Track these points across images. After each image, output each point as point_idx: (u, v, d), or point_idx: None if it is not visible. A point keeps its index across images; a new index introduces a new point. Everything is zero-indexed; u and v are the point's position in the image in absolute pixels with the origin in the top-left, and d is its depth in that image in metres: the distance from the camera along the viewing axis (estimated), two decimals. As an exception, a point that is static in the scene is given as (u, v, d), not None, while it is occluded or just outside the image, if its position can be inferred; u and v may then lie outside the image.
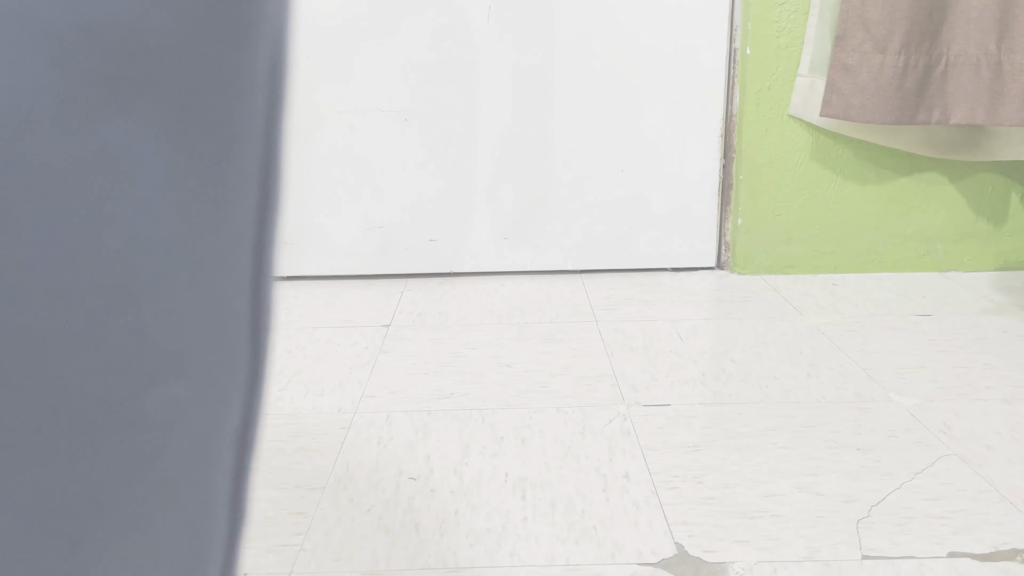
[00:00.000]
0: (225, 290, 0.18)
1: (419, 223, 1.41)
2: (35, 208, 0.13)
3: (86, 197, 0.13)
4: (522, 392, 0.97)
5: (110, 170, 0.14)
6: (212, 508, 0.20)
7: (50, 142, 0.13)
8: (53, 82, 0.13)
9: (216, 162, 0.17)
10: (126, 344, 0.15)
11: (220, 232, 0.17)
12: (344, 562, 0.65)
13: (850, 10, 1.27)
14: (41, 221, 0.13)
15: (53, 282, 0.13)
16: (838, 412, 0.91)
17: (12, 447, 0.14)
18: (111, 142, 0.14)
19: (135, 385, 0.16)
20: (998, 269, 1.44)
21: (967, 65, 1.27)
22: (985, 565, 0.64)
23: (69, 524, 0.16)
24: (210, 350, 0.18)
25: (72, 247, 0.13)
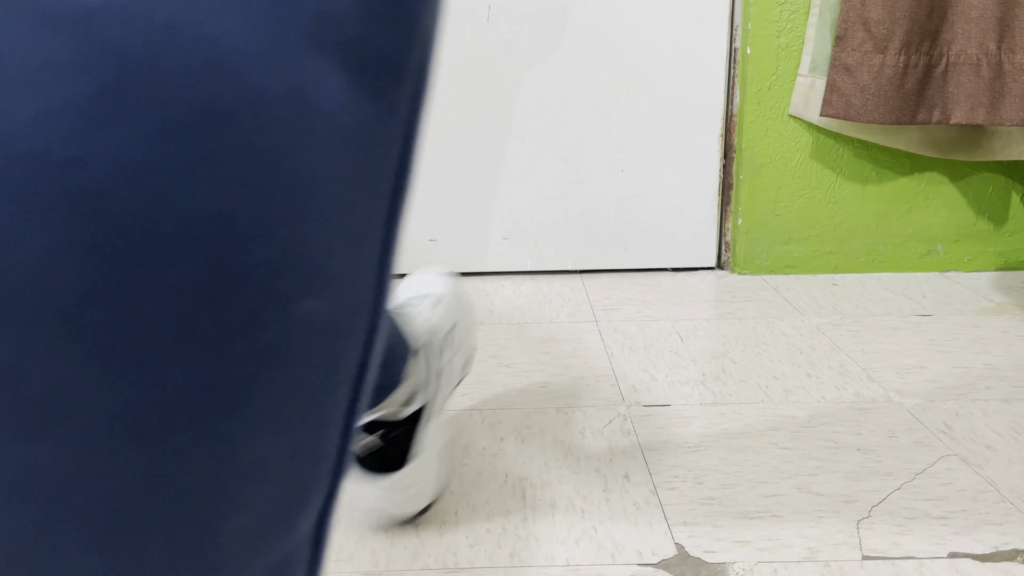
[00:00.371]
0: (368, 223, 0.21)
1: (419, 223, 1.41)
2: (251, 125, 0.17)
3: (290, 123, 0.17)
4: (522, 392, 0.97)
5: (308, 104, 0.18)
6: (327, 432, 0.22)
7: (268, 76, 0.17)
8: (269, 26, 0.17)
9: (382, 111, 0.20)
10: (291, 250, 0.18)
11: (375, 167, 0.21)
12: (344, 562, 0.65)
13: (850, 10, 1.27)
14: (255, 139, 0.17)
15: (255, 180, 0.17)
16: (838, 412, 0.91)
17: (197, 321, 0.17)
18: (311, 81, 0.18)
19: (292, 291, 0.19)
20: (998, 269, 1.44)
21: (967, 65, 1.27)
22: (985, 565, 0.64)
23: (218, 407, 0.18)
24: (349, 273, 0.21)
25: (274, 158, 0.17)
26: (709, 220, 1.43)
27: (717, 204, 1.42)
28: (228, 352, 0.18)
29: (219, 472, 0.19)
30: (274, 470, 0.20)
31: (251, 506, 0.20)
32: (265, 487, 0.20)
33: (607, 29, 1.34)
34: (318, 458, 0.22)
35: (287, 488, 0.21)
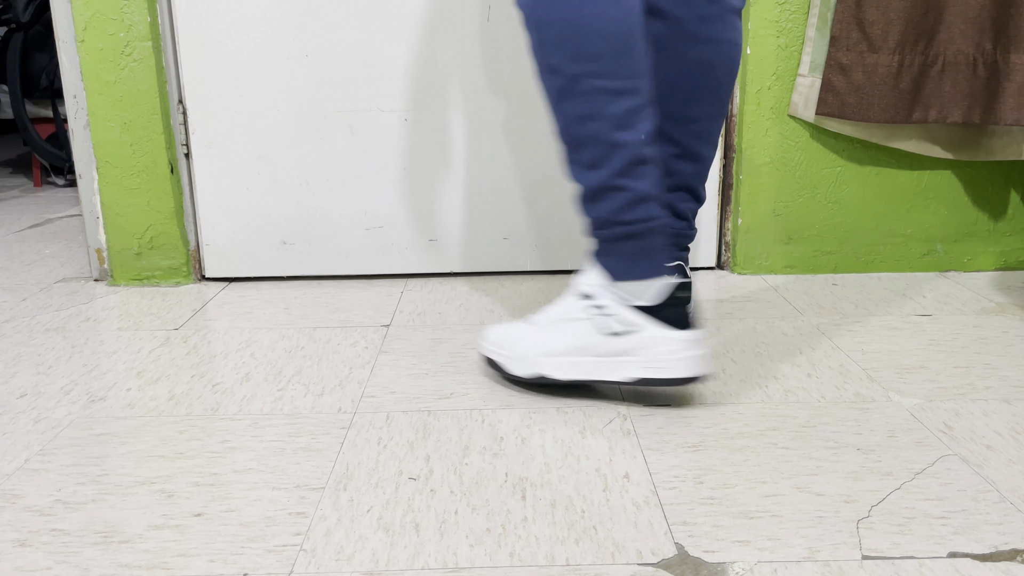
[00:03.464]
0: None
1: (419, 223, 1.41)
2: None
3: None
4: (522, 392, 0.97)
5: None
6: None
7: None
8: None
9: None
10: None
11: None
12: (344, 562, 0.65)
13: (845, 11, 1.27)
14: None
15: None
16: (838, 412, 0.91)
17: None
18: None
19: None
20: (998, 269, 1.44)
21: (964, 65, 1.27)
22: (985, 565, 0.64)
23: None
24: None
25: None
26: (709, 220, 1.43)
27: (717, 204, 1.42)
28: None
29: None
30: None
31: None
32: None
33: (607, 29, 1.34)
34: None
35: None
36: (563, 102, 0.87)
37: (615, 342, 0.91)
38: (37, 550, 0.68)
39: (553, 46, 0.85)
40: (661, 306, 0.89)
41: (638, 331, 0.90)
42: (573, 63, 0.85)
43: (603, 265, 0.91)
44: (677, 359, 0.90)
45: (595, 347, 0.91)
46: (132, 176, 1.37)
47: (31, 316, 1.26)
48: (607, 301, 0.90)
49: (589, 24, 0.84)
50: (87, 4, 1.29)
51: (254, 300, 1.33)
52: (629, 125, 0.86)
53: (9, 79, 2.31)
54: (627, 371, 0.91)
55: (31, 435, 0.88)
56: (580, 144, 0.87)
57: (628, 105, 0.86)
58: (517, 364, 0.95)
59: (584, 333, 0.91)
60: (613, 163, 0.87)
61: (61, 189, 2.39)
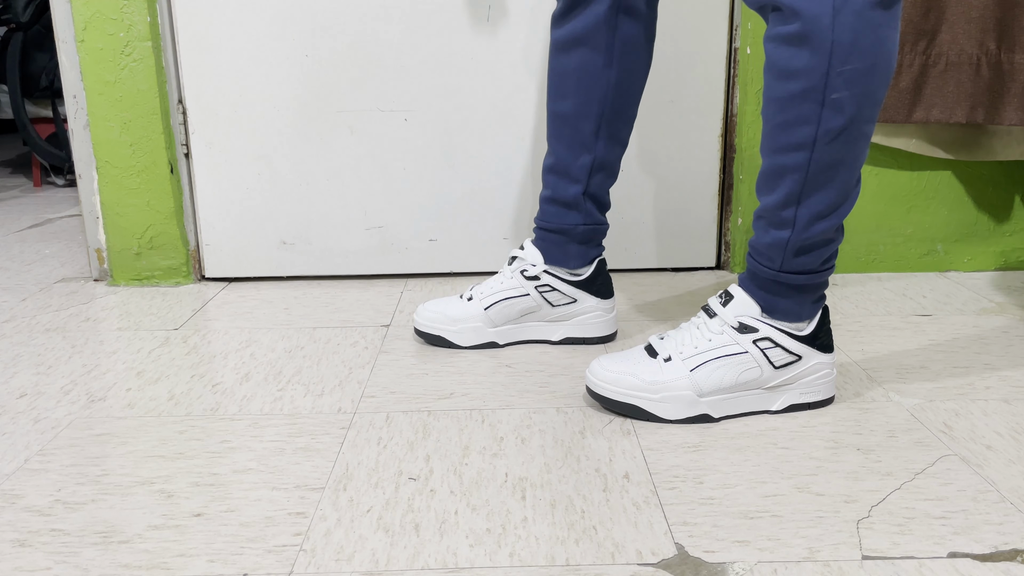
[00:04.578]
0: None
1: (419, 223, 1.41)
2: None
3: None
4: (522, 392, 0.97)
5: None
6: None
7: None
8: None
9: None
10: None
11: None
12: (344, 562, 0.65)
13: (850, 10, 1.27)
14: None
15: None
16: (838, 412, 0.91)
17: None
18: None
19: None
20: (998, 269, 1.44)
21: (967, 65, 1.27)
22: (985, 565, 0.64)
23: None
24: None
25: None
26: (709, 220, 1.43)
27: (717, 204, 1.42)
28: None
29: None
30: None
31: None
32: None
33: (607, 29, 1.34)
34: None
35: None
36: (830, 143, 0.78)
37: (782, 374, 0.88)
38: (37, 550, 0.68)
39: (848, 81, 0.75)
40: (815, 333, 0.89)
41: (801, 360, 0.88)
42: (860, 105, 0.76)
43: (767, 302, 0.87)
44: (828, 381, 0.91)
45: (763, 381, 0.88)
46: (132, 176, 1.37)
47: (31, 316, 1.26)
48: (776, 335, 0.87)
49: (888, 65, 0.76)
50: (87, 4, 1.29)
51: (254, 300, 1.33)
52: (859, 172, 0.82)
53: (9, 79, 2.31)
54: (783, 400, 0.90)
55: (31, 435, 0.88)
56: (820, 189, 0.80)
57: (867, 152, 0.82)
58: (676, 408, 0.87)
59: (750, 367, 0.87)
60: (840, 214, 0.83)
61: (61, 189, 2.39)
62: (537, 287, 1.08)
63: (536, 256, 1.08)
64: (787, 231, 0.83)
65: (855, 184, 0.82)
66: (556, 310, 1.09)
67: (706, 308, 0.91)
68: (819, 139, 0.78)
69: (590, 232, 1.06)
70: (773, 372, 0.88)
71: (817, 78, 0.75)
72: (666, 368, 0.88)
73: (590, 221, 1.06)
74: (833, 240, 0.85)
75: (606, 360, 0.91)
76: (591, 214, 1.05)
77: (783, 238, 0.84)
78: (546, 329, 1.11)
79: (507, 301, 1.09)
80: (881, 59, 0.76)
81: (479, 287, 1.11)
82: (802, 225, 0.82)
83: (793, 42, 0.75)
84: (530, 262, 1.08)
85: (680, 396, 0.87)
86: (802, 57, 0.75)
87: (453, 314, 1.10)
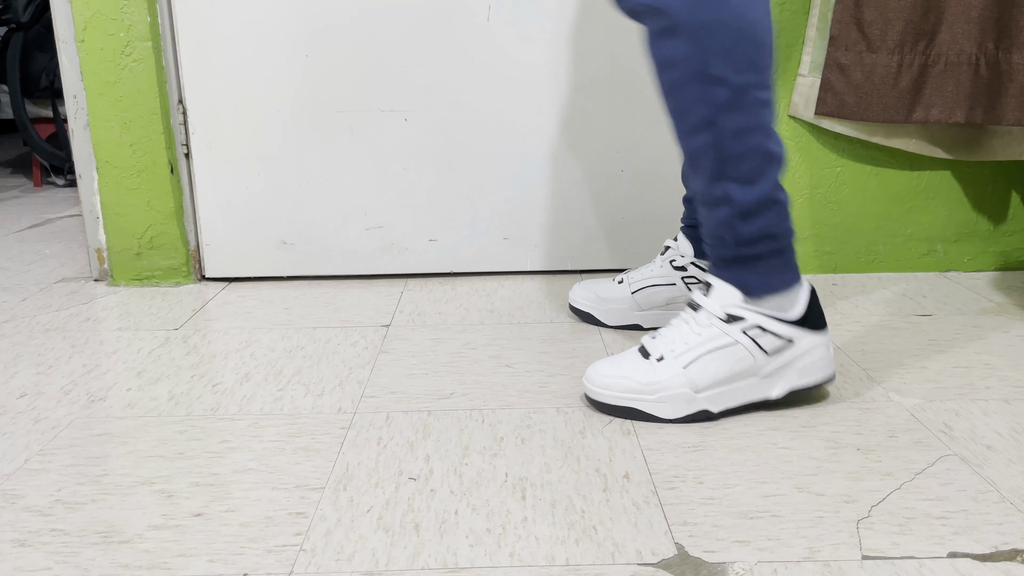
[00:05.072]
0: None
1: (419, 223, 1.41)
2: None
3: None
4: (522, 392, 0.97)
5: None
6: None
7: None
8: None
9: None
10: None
11: None
12: (344, 562, 0.65)
13: (844, 10, 1.27)
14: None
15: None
16: (838, 412, 0.91)
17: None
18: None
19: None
20: (998, 269, 1.44)
21: (967, 65, 1.27)
22: (985, 565, 0.64)
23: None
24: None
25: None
26: (709, 220, 1.43)
27: (717, 204, 1.42)
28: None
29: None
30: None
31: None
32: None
33: (606, 28, 1.34)
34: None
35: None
36: (725, 115, 0.83)
37: (775, 359, 0.89)
38: (37, 550, 0.68)
39: (719, 54, 0.81)
40: (804, 315, 0.89)
41: (794, 344, 0.89)
42: (740, 73, 0.81)
43: (741, 283, 0.88)
44: (822, 363, 0.91)
45: (758, 369, 0.89)
46: (132, 176, 1.37)
47: (31, 316, 1.26)
48: (764, 320, 0.88)
49: (754, 30, 0.81)
50: (87, 4, 1.29)
51: (254, 300, 1.33)
52: (775, 134, 0.85)
53: (9, 79, 2.31)
54: (781, 385, 0.90)
55: (31, 435, 0.88)
56: (738, 159, 0.84)
57: (773, 114, 0.85)
58: (673, 407, 0.88)
59: (743, 357, 0.88)
60: (770, 175, 0.85)
61: (61, 189, 2.39)
62: (683, 277, 1.13)
63: (687, 248, 1.12)
64: (725, 207, 0.86)
65: (773, 144, 0.85)
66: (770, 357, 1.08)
67: (691, 303, 0.91)
68: (717, 115, 0.83)
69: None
70: (766, 359, 0.88)
71: (694, 60, 0.81)
72: (660, 368, 0.88)
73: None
74: (775, 200, 0.86)
75: (601, 365, 0.91)
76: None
77: (725, 214, 0.86)
78: None
79: (654, 288, 1.14)
80: (752, 29, 0.81)
81: (631, 272, 1.17)
82: (735, 195, 0.85)
83: (666, 35, 0.82)
84: (680, 253, 1.13)
85: (677, 394, 0.88)
86: (672, 47, 0.82)
87: (604, 295, 1.17)
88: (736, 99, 0.82)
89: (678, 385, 0.88)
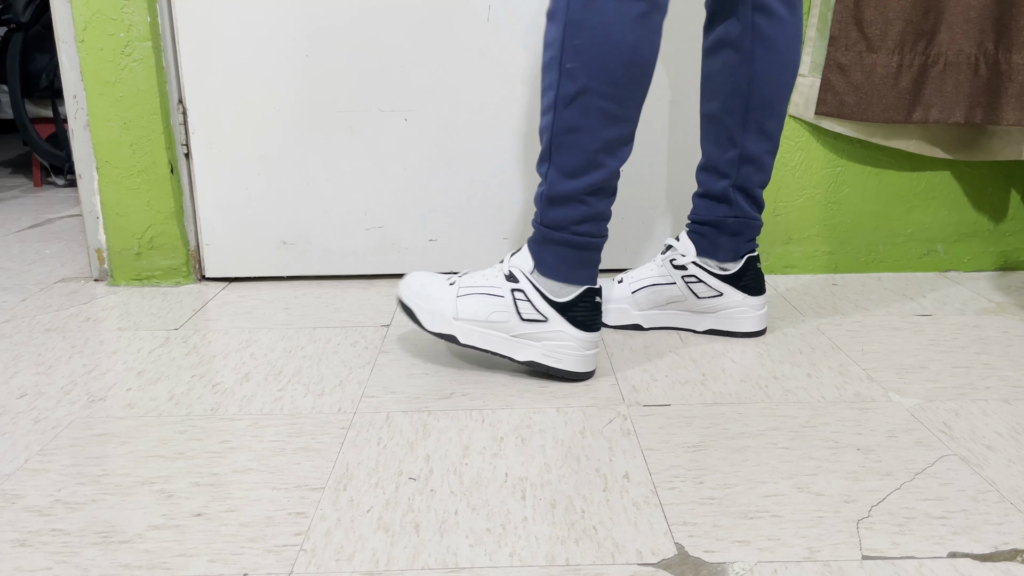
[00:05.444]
0: None
1: (419, 223, 1.41)
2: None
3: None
4: (522, 392, 0.97)
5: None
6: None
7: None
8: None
9: None
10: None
11: None
12: (344, 562, 0.65)
13: (843, 10, 1.27)
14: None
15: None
16: (838, 412, 0.91)
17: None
18: None
19: None
20: (998, 269, 1.44)
21: (966, 65, 1.27)
22: (985, 565, 0.64)
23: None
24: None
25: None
26: (709, 220, 1.43)
27: (717, 204, 1.42)
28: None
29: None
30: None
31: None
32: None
33: (607, 29, 1.34)
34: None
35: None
36: (565, 107, 0.89)
37: (526, 327, 0.98)
38: (37, 550, 0.68)
39: (577, 52, 0.87)
40: (570, 304, 0.96)
41: (547, 322, 0.97)
42: (590, 77, 0.87)
43: (537, 255, 0.96)
44: (572, 355, 0.98)
45: (508, 327, 0.98)
46: (132, 176, 1.37)
47: (31, 316, 1.26)
48: (530, 290, 0.97)
49: (619, 49, 0.87)
50: (87, 4, 1.29)
51: (254, 300, 1.33)
52: (614, 151, 0.92)
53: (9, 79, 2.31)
54: (526, 353, 0.99)
55: (31, 435, 0.88)
56: (564, 150, 0.91)
57: (621, 133, 0.91)
58: (433, 320, 1.00)
59: (502, 311, 0.98)
60: (588, 179, 0.92)
61: (61, 189, 2.39)
62: (683, 276, 1.13)
63: (688, 247, 1.13)
64: (543, 185, 0.94)
65: (604, 156, 0.91)
66: (702, 302, 1.13)
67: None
68: (558, 103, 0.89)
69: (740, 225, 1.10)
70: (519, 323, 0.98)
71: (557, 48, 0.87)
72: (445, 289, 1.01)
73: (740, 214, 1.09)
74: (584, 203, 0.93)
75: (419, 273, 1.05)
76: (741, 207, 1.09)
77: (541, 191, 0.95)
78: (691, 319, 1.15)
79: (654, 287, 1.14)
80: (609, 42, 0.86)
81: (631, 272, 1.17)
82: (552, 179, 0.93)
83: (549, 17, 0.89)
84: (681, 252, 1.13)
85: (442, 313, 1.00)
86: (551, 31, 0.88)
87: (604, 294, 1.16)
88: (578, 97, 0.88)
89: (446, 307, 1.00)
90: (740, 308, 1.12)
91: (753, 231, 1.11)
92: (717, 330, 1.14)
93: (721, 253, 1.11)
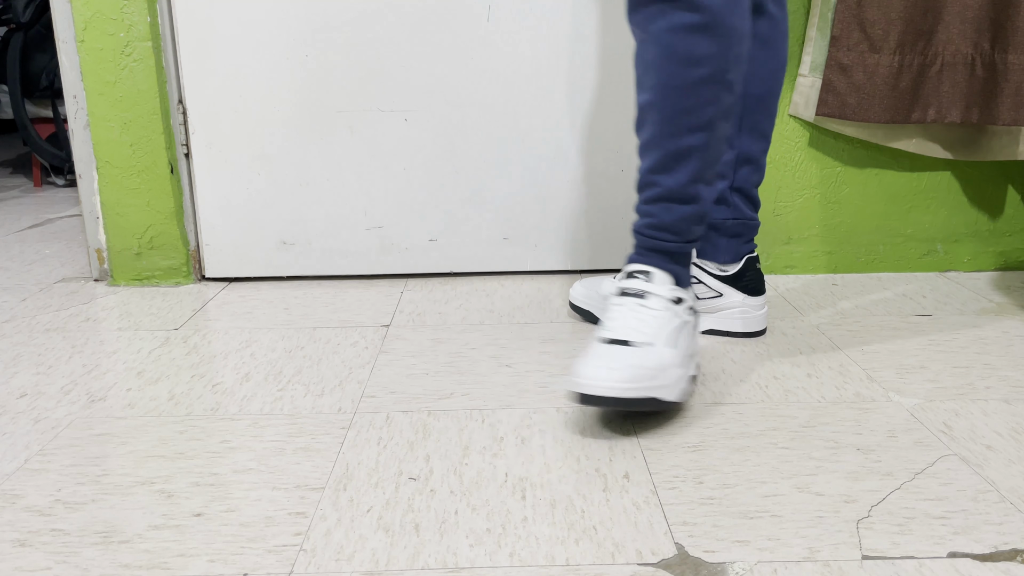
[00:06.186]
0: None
1: (419, 223, 1.41)
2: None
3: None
4: (522, 392, 0.97)
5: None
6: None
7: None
8: None
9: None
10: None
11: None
12: (344, 562, 0.65)
13: (846, 10, 1.27)
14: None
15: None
16: (838, 412, 0.91)
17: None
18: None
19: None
20: (998, 269, 1.44)
21: (962, 65, 1.27)
22: (985, 565, 0.64)
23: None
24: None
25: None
26: (709, 220, 1.43)
27: (717, 204, 1.42)
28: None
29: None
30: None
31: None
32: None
33: (606, 28, 1.34)
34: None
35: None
36: (723, 121, 0.87)
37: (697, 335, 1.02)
38: (37, 550, 0.68)
39: (736, 61, 0.84)
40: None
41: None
42: (739, 84, 0.86)
43: (675, 273, 0.93)
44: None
45: (696, 342, 1.00)
46: (132, 176, 1.37)
47: (31, 316, 1.26)
48: (694, 301, 0.98)
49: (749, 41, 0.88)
50: (87, 4, 1.29)
51: (254, 300, 1.33)
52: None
53: (9, 79, 2.31)
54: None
55: (31, 435, 0.88)
56: (715, 163, 0.89)
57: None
58: (679, 389, 0.87)
59: (691, 333, 0.94)
60: (718, 187, 0.98)
61: (61, 189, 2.39)
62: None
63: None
64: (694, 205, 0.90)
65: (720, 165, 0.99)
66: (702, 303, 1.13)
67: (627, 291, 0.92)
68: (717, 117, 0.86)
69: (739, 226, 1.10)
70: (697, 335, 1.02)
71: (719, 62, 0.83)
72: (647, 354, 0.85)
73: (739, 216, 1.10)
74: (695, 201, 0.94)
75: (596, 361, 0.83)
76: (739, 208, 1.09)
77: (692, 211, 0.90)
78: None
79: None
80: (746, 35, 0.86)
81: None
82: (704, 196, 0.90)
83: (697, 31, 0.82)
84: None
85: (679, 375, 0.87)
86: (706, 44, 0.82)
87: (604, 293, 1.17)
88: (734, 107, 0.87)
89: (678, 364, 0.87)
90: (740, 308, 1.12)
91: (752, 231, 1.11)
92: (717, 330, 1.14)
93: (721, 255, 1.11)
